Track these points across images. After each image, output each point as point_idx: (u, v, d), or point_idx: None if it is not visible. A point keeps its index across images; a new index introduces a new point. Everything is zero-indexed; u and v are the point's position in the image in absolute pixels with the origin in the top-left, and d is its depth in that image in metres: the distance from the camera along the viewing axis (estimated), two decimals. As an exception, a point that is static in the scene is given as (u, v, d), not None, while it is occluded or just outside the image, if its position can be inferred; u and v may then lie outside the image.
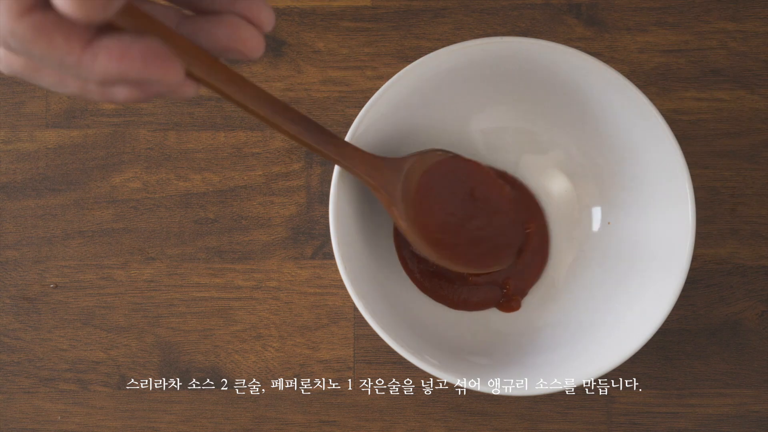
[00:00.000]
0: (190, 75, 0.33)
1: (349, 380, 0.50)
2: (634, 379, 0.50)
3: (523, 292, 0.49)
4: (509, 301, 0.49)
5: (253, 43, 0.29)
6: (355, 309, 0.50)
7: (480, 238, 0.47)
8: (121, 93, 0.27)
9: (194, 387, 0.50)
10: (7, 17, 0.24)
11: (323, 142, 0.41)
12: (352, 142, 0.43)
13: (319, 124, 0.41)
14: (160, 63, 0.26)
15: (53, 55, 0.25)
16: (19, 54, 0.26)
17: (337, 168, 0.43)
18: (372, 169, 0.43)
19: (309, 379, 0.50)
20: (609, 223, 0.48)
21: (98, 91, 0.27)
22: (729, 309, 0.50)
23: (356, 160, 0.43)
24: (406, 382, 0.50)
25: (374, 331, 0.43)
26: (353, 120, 0.44)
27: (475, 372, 0.44)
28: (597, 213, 0.49)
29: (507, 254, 0.48)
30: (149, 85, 0.27)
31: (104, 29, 0.26)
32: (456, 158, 0.47)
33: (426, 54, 0.44)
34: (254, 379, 0.50)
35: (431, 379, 0.50)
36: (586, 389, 0.50)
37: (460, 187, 0.47)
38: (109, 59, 0.25)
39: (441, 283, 0.49)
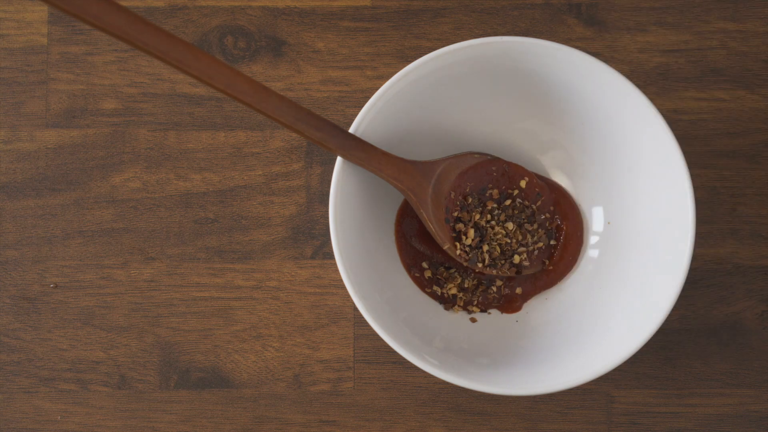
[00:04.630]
0: (212, 87, 0.33)
1: (349, 380, 0.50)
2: (634, 379, 0.50)
3: (527, 296, 0.49)
4: (510, 302, 0.49)
5: None
6: (355, 309, 0.50)
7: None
8: None
9: (194, 387, 0.50)
10: None
11: (349, 147, 0.42)
12: None
13: (344, 129, 0.41)
14: None
15: None
16: None
17: (337, 168, 0.43)
18: (400, 172, 0.44)
19: (309, 379, 0.50)
20: (609, 222, 0.48)
21: None
22: (729, 309, 0.50)
23: (383, 163, 0.43)
24: (406, 382, 0.50)
25: (374, 331, 0.43)
26: (353, 120, 0.44)
27: (475, 372, 0.44)
28: (597, 213, 0.49)
29: (539, 257, 0.48)
30: None
31: None
32: (495, 161, 0.47)
33: (426, 54, 0.44)
34: (254, 379, 0.50)
35: (431, 379, 0.50)
36: (586, 389, 0.50)
37: (498, 188, 0.47)
38: None
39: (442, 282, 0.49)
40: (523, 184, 0.48)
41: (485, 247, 0.47)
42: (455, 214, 0.46)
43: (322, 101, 0.51)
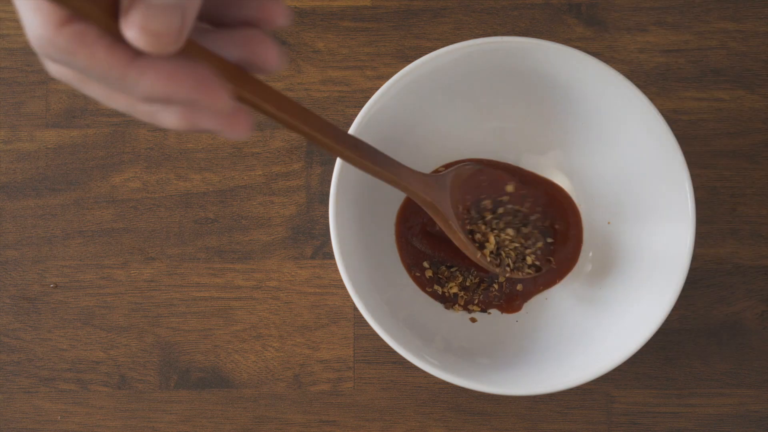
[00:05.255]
0: (245, 104, 0.31)
1: (349, 380, 0.50)
2: (634, 379, 0.50)
3: (528, 295, 0.49)
4: (510, 302, 0.49)
5: (269, 57, 0.27)
6: (355, 309, 0.50)
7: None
8: (168, 117, 0.26)
9: (194, 387, 0.50)
10: (46, 27, 0.23)
11: (380, 163, 0.41)
12: None
13: (375, 148, 0.41)
14: (208, 88, 0.25)
15: (96, 67, 0.24)
16: (62, 65, 0.25)
17: (337, 168, 0.43)
18: (426, 186, 0.43)
19: (309, 379, 0.50)
20: (609, 222, 0.48)
21: (146, 111, 0.26)
22: (729, 309, 0.50)
23: (411, 180, 0.42)
24: (406, 382, 0.50)
25: (374, 331, 0.43)
26: (353, 120, 0.44)
27: (475, 372, 0.44)
28: (597, 213, 0.49)
29: (543, 257, 0.48)
30: (197, 114, 0.26)
31: None
32: (482, 170, 0.47)
33: (426, 54, 0.44)
34: (254, 379, 0.50)
35: (431, 379, 0.50)
36: (586, 389, 0.50)
37: (490, 198, 0.47)
38: (156, 78, 0.24)
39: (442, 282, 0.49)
40: (510, 188, 0.48)
41: (503, 254, 0.47)
42: (468, 227, 0.46)
43: (322, 101, 0.51)
